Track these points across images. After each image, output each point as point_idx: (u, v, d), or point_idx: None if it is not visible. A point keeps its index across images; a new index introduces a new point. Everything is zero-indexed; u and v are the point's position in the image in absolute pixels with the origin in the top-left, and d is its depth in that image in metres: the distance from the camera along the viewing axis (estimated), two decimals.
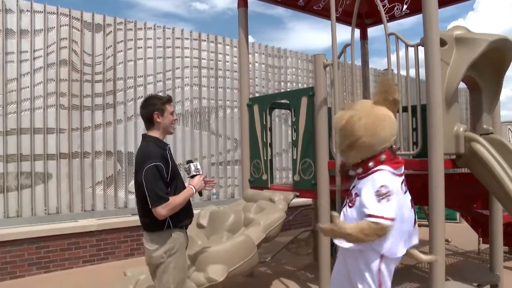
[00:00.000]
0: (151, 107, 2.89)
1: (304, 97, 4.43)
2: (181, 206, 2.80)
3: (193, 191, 2.90)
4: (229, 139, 8.19)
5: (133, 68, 6.94)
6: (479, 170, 3.51)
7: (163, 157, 2.80)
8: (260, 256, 4.03)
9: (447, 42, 3.54)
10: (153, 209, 2.71)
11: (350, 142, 2.70)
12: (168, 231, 2.81)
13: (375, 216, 2.51)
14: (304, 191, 4.47)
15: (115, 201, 6.63)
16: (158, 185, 2.70)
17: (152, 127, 2.93)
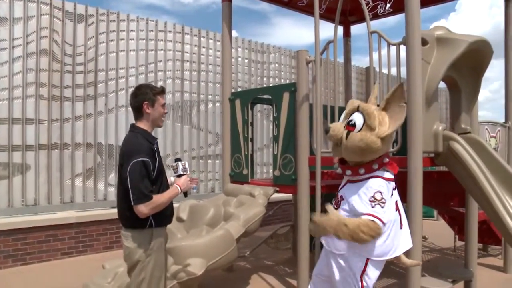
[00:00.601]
0: (141, 96, 2.75)
1: (286, 92, 4.40)
2: (165, 205, 2.70)
3: (179, 191, 2.78)
4: (211, 133, 8.14)
5: (115, 60, 6.82)
6: (456, 168, 3.55)
7: (151, 152, 2.67)
8: (239, 251, 4.02)
9: (429, 42, 3.56)
10: (134, 206, 2.59)
11: (367, 146, 2.62)
12: (150, 229, 2.71)
13: (373, 215, 2.53)
14: (284, 186, 4.45)
15: (95, 193, 6.53)
16: (143, 182, 2.58)
17: (141, 117, 2.79)
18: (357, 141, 2.61)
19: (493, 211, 3.25)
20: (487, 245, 6.01)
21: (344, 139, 2.67)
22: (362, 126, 2.64)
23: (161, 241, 2.79)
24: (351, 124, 2.68)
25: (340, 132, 2.70)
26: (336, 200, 2.78)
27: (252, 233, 4.07)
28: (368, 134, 2.61)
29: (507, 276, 4.98)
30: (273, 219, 7.67)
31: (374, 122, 2.63)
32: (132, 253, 2.70)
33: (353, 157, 2.70)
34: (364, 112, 2.67)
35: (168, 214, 2.85)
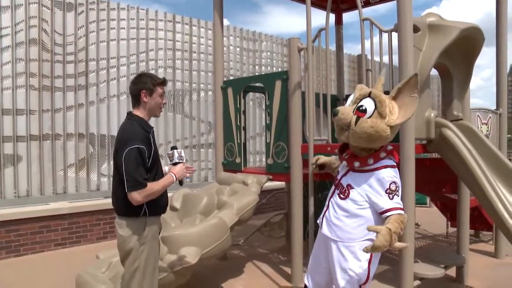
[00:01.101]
0: (140, 85, 2.72)
1: (278, 80, 4.38)
2: (159, 193, 2.67)
3: (174, 179, 2.75)
4: (203, 122, 8.11)
5: (105, 49, 6.74)
6: (448, 155, 3.55)
7: (146, 139, 2.65)
8: (233, 239, 4.02)
9: (420, 29, 3.54)
10: (128, 194, 2.57)
11: (377, 134, 2.58)
12: (144, 218, 2.69)
13: (398, 208, 2.55)
14: (277, 174, 4.45)
15: (88, 184, 6.49)
16: (137, 169, 2.56)
17: (138, 105, 2.76)
18: (367, 127, 2.57)
19: (485, 197, 3.27)
20: (478, 231, 6.07)
21: (353, 124, 2.62)
22: (373, 112, 2.60)
23: (155, 230, 2.78)
24: (361, 110, 2.63)
25: (350, 117, 2.65)
26: (342, 189, 2.72)
27: (245, 222, 4.06)
28: (379, 121, 2.57)
29: (498, 261, 5.03)
30: (266, 207, 7.69)
31: (385, 110, 2.59)
32: (126, 241, 2.69)
33: (360, 143, 2.66)
34: (376, 99, 2.62)
35: (163, 203, 2.83)
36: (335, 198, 2.76)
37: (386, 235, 2.38)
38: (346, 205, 2.68)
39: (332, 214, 2.74)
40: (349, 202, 2.67)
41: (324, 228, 2.78)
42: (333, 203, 2.76)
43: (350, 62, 10.98)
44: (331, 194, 2.82)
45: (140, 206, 2.65)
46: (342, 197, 2.71)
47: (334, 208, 2.73)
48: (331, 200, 2.78)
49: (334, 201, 2.75)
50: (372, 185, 2.61)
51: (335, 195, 2.77)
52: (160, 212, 2.83)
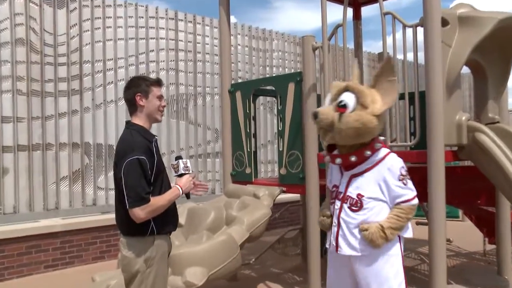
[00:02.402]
0: (133, 89, 2.74)
1: (291, 83, 4.39)
2: (164, 208, 2.66)
3: (180, 192, 2.74)
4: (209, 129, 8.13)
5: (101, 50, 6.80)
6: (483, 162, 3.52)
7: (148, 149, 2.64)
8: (244, 258, 4.01)
9: (449, 22, 3.53)
10: (130, 210, 2.56)
11: (363, 126, 2.64)
12: (151, 237, 2.67)
13: (411, 198, 2.66)
14: (291, 185, 4.45)
15: (83, 198, 6.52)
16: (139, 182, 2.55)
17: (135, 112, 2.77)
18: (351, 122, 2.62)
19: None
20: None
21: (336, 121, 2.67)
22: (355, 106, 2.66)
23: (164, 250, 2.76)
24: (341, 105, 2.68)
25: (331, 116, 2.69)
26: (353, 201, 2.71)
27: (257, 238, 4.07)
28: (363, 113, 2.64)
29: None
30: (280, 222, 7.66)
31: (367, 100, 2.65)
32: (131, 263, 2.67)
33: (348, 140, 2.70)
34: (355, 91, 2.69)
35: (172, 219, 2.83)
36: (345, 213, 2.73)
37: (374, 233, 2.58)
38: (362, 216, 2.68)
39: (347, 231, 2.72)
40: (366, 211, 2.67)
41: (345, 248, 2.74)
42: (344, 220, 2.73)
43: (370, 61, 10.96)
44: (338, 210, 2.77)
45: (147, 223, 2.64)
46: (355, 209, 2.70)
47: (348, 224, 2.71)
48: (341, 217, 2.75)
49: (346, 216, 2.73)
50: (386, 179, 2.66)
51: (344, 210, 2.74)
52: (170, 229, 2.82)
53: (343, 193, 2.77)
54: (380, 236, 2.58)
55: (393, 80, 2.69)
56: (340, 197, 2.78)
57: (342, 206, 2.75)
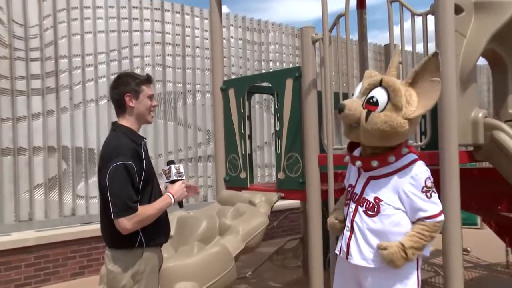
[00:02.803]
0: (122, 88, 2.72)
1: (289, 79, 4.39)
2: (154, 218, 2.66)
3: (171, 200, 2.74)
4: (200, 131, 8.13)
5: (79, 44, 6.79)
6: (503, 164, 3.50)
7: (135, 154, 2.64)
8: (239, 271, 4.00)
9: (464, 9, 3.52)
10: (115, 221, 2.55)
11: (393, 130, 2.57)
12: (140, 249, 2.67)
13: (436, 215, 2.59)
14: (290, 191, 4.44)
15: (60, 208, 6.50)
16: (125, 190, 2.55)
17: (124, 113, 2.76)
18: (380, 123, 2.55)
19: None
20: None
21: (363, 120, 2.60)
22: (386, 104, 2.58)
23: (154, 264, 2.76)
24: (372, 102, 2.61)
25: (358, 112, 2.62)
26: (369, 204, 2.68)
27: (253, 249, 4.05)
28: (394, 115, 2.55)
29: None
30: (278, 231, 7.66)
31: (401, 100, 2.56)
32: (117, 278, 2.66)
33: (374, 141, 2.64)
34: (389, 89, 2.60)
35: (164, 230, 2.82)
36: (360, 217, 2.71)
37: (395, 253, 2.51)
38: (378, 223, 2.64)
39: (361, 237, 2.69)
40: (382, 218, 2.63)
41: (356, 257, 2.70)
42: (358, 225, 2.70)
43: (376, 54, 11.00)
44: (352, 213, 2.75)
45: (135, 235, 2.63)
46: (371, 213, 2.66)
47: (362, 230, 2.69)
48: (355, 221, 2.72)
49: (360, 221, 2.70)
50: (406, 189, 2.60)
51: (359, 214, 2.72)
52: (160, 241, 2.82)
53: (359, 195, 2.74)
54: (402, 256, 2.51)
55: (436, 81, 2.59)
56: (356, 199, 2.75)
57: (357, 209, 2.72)
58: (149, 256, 2.71)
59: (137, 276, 2.65)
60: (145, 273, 2.68)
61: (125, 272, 2.64)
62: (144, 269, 2.67)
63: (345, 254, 2.75)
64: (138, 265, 2.66)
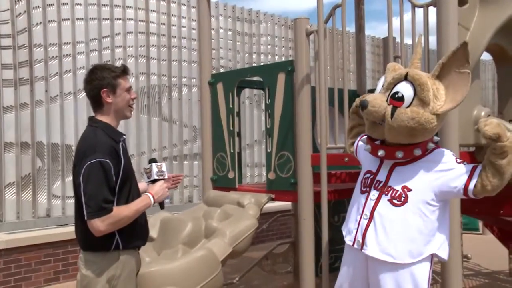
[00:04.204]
0: (97, 82, 2.73)
1: (281, 73, 4.40)
2: (130, 220, 2.66)
3: (151, 201, 2.75)
4: (186, 127, 8.12)
5: (56, 32, 6.74)
6: None
7: (113, 151, 2.65)
8: (226, 276, 4.01)
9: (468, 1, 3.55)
10: (88, 222, 2.56)
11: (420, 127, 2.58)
12: (116, 252, 2.68)
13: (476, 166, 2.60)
14: (281, 192, 4.46)
15: (34, 208, 6.46)
16: (100, 189, 2.56)
17: (101, 109, 2.78)
18: (407, 120, 2.55)
19: None
20: None
21: (388, 117, 2.60)
22: (412, 99, 2.59)
23: (131, 268, 2.77)
24: (397, 98, 2.61)
25: (383, 108, 2.63)
26: (395, 193, 2.67)
27: (241, 254, 4.07)
28: (421, 110, 2.55)
29: None
30: (268, 235, 7.69)
31: (428, 95, 2.56)
32: (91, 283, 2.66)
33: (400, 139, 2.65)
34: (415, 82, 2.59)
35: (141, 233, 2.83)
36: (384, 206, 2.69)
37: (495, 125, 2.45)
38: (404, 214, 2.63)
39: (381, 228, 2.67)
40: (409, 209, 2.63)
41: (372, 249, 2.69)
42: (380, 214, 2.69)
43: (374, 47, 11.04)
44: (374, 201, 2.73)
45: (111, 237, 2.64)
46: (397, 203, 2.66)
47: (384, 220, 2.67)
48: (377, 210, 2.70)
49: (383, 210, 2.69)
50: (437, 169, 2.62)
51: (383, 201, 2.70)
52: (138, 244, 2.83)
53: (384, 182, 2.74)
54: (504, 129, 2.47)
55: (465, 73, 2.57)
56: (379, 186, 2.74)
57: (381, 198, 2.71)
58: (126, 259, 2.72)
59: (113, 281, 2.67)
60: (121, 277, 2.69)
61: (100, 277, 2.65)
62: (121, 273, 2.69)
63: (360, 245, 2.73)
64: (114, 269, 2.67)
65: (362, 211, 2.76)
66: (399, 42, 3.86)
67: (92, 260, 2.68)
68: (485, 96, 13.04)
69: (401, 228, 2.63)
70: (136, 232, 2.75)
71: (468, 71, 2.59)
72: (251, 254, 5.15)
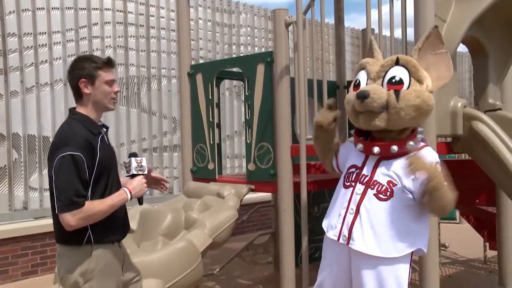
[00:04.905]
0: (77, 72, 2.67)
1: (260, 64, 4.40)
2: (104, 215, 2.61)
3: (127, 196, 2.70)
4: (166, 119, 8.09)
5: (31, 21, 6.64)
6: (482, 156, 3.58)
7: (87, 144, 2.60)
8: (206, 267, 4.02)
9: None
10: (59, 215, 2.53)
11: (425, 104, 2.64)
12: (88, 246, 2.63)
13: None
14: (261, 183, 4.48)
15: (10, 201, 6.40)
16: (71, 183, 2.50)
17: (81, 100, 2.73)
18: (413, 99, 2.60)
19: None
20: None
21: (394, 101, 2.61)
22: (409, 81, 2.65)
23: (106, 263, 2.70)
24: (395, 82, 2.65)
25: (385, 94, 2.64)
26: (381, 187, 2.69)
27: (221, 245, 4.08)
28: (422, 88, 2.65)
29: None
30: (248, 225, 7.72)
31: (423, 74, 2.66)
32: (66, 277, 2.64)
33: (406, 122, 2.67)
34: (408, 64, 2.67)
35: (116, 226, 2.77)
36: (370, 200, 2.71)
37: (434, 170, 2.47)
38: (388, 209, 2.67)
39: (367, 222, 2.69)
40: (395, 203, 2.67)
41: (359, 243, 2.70)
42: (366, 208, 2.70)
43: (353, 39, 11.08)
44: (360, 196, 2.74)
45: (83, 231, 2.60)
46: (383, 197, 2.68)
47: (370, 214, 2.69)
48: (363, 204, 2.72)
49: (369, 205, 2.70)
50: None
51: (368, 196, 2.71)
52: (115, 238, 2.78)
53: (369, 176, 2.75)
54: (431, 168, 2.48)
55: (442, 53, 2.72)
56: (365, 181, 2.76)
57: (366, 192, 2.73)
58: (99, 253, 2.66)
59: (87, 275, 2.62)
60: (95, 271, 2.64)
61: (73, 271, 2.62)
62: (94, 267, 2.63)
63: (346, 239, 2.73)
64: (87, 263, 2.62)
65: (348, 206, 2.77)
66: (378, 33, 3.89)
67: (64, 254, 2.66)
68: (462, 88, 13.21)
69: (387, 223, 2.66)
70: (112, 226, 2.70)
71: (444, 51, 2.72)
72: (231, 245, 5.17)
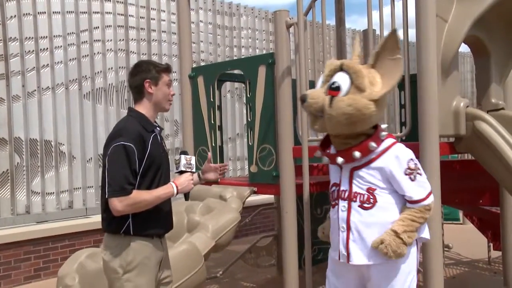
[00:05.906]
0: (142, 74, 2.89)
1: (262, 66, 4.41)
2: (149, 205, 2.73)
3: (173, 191, 2.85)
4: (167, 121, 8.10)
5: (32, 26, 6.65)
6: (485, 156, 3.57)
7: (140, 138, 2.76)
8: (209, 270, 4.02)
9: None
10: (108, 200, 2.67)
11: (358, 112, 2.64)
12: (127, 238, 2.74)
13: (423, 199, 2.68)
14: (263, 185, 4.47)
15: (12, 205, 6.39)
16: (122, 170, 2.66)
17: (141, 100, 2.92)
18: (344, 107, 2.63)
19: None
20: None
21: (326, 106, 2.68)
22: (349, 88, 2.68)
23: (146, 256, 2.78)
24: (333, 88, 2.69)
25: (321, 99, 2.70)
26: (364, 197, 2.72)
27: (224, 247, 4.08)
28: (358, 97, 2.65)
29: None
30: (251, 228, 7.71)
31: (364, 82, 2.67)
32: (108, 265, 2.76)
33: (340, 128, 2.72)
34: (350, 71, 2.70)
35: (159, 220, 2.87)
36: (356, 213, 2.72)
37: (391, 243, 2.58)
38: (377, 216, 2.69)
39: (359, 235, 2.72)
40: (381, 206, 2.70)
41: (358, 258, 2.73)
42: (355, 222, 2.72)
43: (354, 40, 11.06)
44: (346, 213, 2.75)
45: (123, 220, 2.72)
46: (368, 206, 2.70)
47: (360, 226, 2.71)
48: (351, 220, 2.73)
49: (357, 217, 2.72)
50: (391, 168, 2.67)
51: (354, 210, 2.73)
52: (155, 232, 2.85)
53: (348, 190, 2.77)
54: (399, 243, 2.58)
55: (397, 59, 2.71)
56: (345, 196, 2.78)
57: (351, 206, 2.75)
58: (138, 246, 2.76)
59: (126, 267, 2.73)
60: (133, 264, 2.73)
61: (113, 260, 2.74)
62: (133, 259, 2.73)
63: (346, 258, 2.76)
64: (126, 254, 2.74)
65: (338, 225, 2.80)
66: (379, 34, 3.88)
67: (107, 242, 2.80)
68: (464, 88, 13.20)
69: (379, 228, 2.68)
70: (153, 219, 2.81)
71: (399, 56, 2.71)
72: (234, 247, 5.16)
